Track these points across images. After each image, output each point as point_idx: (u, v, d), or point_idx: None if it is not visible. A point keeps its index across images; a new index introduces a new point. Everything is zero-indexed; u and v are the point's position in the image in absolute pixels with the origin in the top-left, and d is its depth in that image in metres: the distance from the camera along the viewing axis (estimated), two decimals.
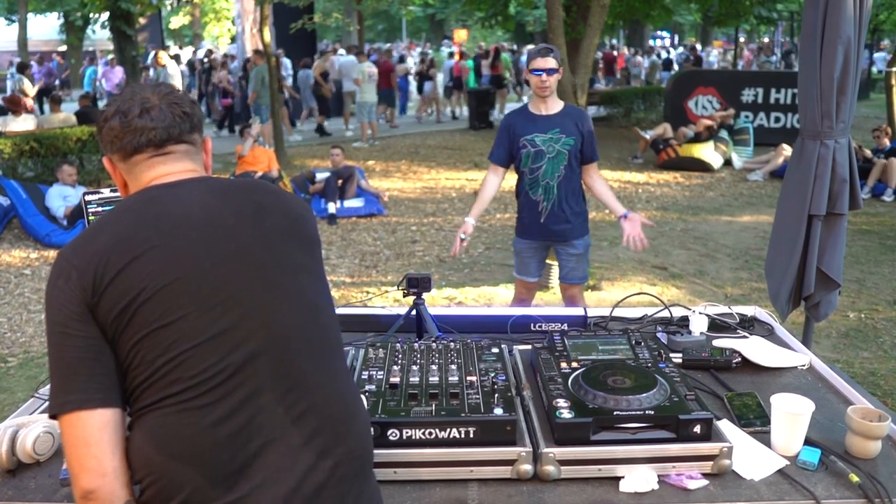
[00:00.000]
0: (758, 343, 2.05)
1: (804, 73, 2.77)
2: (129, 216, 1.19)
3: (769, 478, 1.46)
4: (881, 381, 3.81)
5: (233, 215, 1.22)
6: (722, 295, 5.09)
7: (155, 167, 1.25)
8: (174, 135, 1.25)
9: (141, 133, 1.22)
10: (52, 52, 21.35)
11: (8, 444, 1.48)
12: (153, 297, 1.10)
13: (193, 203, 1.21)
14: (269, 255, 1.21)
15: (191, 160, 1.29)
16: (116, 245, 1.13)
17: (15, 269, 6.07)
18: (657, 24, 21.26)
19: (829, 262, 2.83)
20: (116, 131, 1.22)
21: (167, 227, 1.16)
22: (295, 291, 1.22)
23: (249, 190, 1.30)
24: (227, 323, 1.13)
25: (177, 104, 1.25)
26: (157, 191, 1.23)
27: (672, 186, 9.11)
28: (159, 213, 1.18)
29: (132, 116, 1.21)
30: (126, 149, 1.23)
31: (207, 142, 1.37)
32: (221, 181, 1.30)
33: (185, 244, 1.16)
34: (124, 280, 1.10)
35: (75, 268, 1.11)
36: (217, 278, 1.15)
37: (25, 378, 4.00)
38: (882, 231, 6.88)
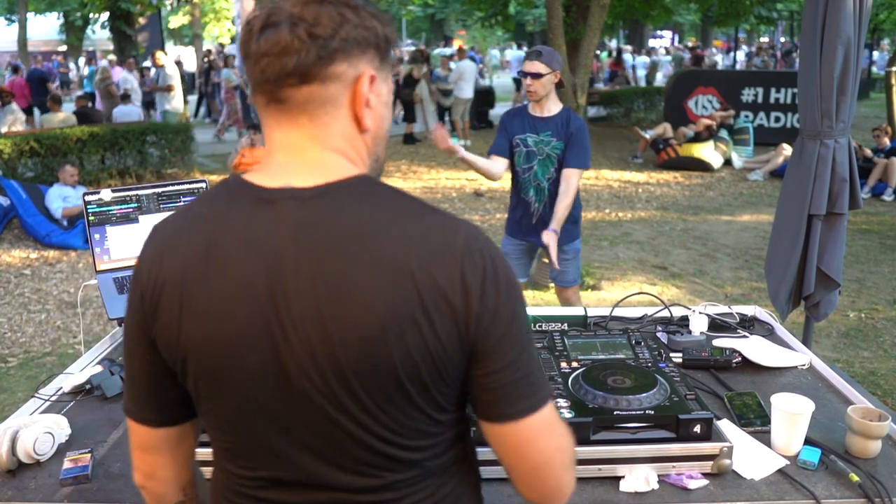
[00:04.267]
0: (758, 343, 2.05)
1: (804, 72, 2.77)
2: (198, 238, 0.89)
3: (769, 477, 1.46)
4: (881, 380, 3.81)
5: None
6: (722, 295, 5.09)
7: (272, 131, 0.91)
8: (288, 68, 0.84)
9: (256, 60, 0.85)
10: (52, 52, 21.36)
11: (8, 444, 1.48)
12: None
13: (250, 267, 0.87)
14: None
15: (312, 118, 0.88)
16: (182, 272, 0.89)
17: (15, 269, 6.06)
18: (657, 24, 21.26)
19: (829, 261, 2.83)
20: (242, 53, 0.88)
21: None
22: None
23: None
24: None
25: (302, 20, 0.84)
26: (243, 205, 0.89)
27: (672, 186, 9.11)
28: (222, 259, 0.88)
29: (253, 33, 0.86)
30: (250, 81, 0.89)
31: (362, 77, 0.88)
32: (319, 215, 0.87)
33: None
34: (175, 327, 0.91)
35: (139, 283, 0.93)
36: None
37: (25, 378, 4.00)
38: (882, 231, 6.88)
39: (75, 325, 4.77)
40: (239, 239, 0.87)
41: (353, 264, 0.84)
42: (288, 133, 0.90)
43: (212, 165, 9.88)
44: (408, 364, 0.86)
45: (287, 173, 0.89)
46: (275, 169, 0.90)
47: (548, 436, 0.93)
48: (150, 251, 0.93)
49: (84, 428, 1.66)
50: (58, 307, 5.15)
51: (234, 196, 0.90)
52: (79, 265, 6.12)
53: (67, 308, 5.11)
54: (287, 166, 0.90)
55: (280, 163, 0.91)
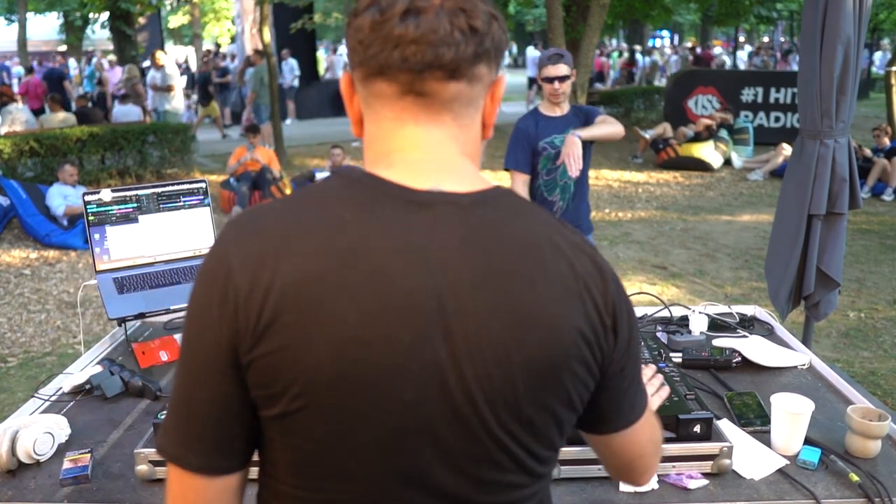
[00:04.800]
0: (758, 343, 2.05)
1: (804, 72, 2.77)
2: (333, 244, 0.75)
3: (769, 477, 1.46)
4: (881, 380, 3.81)
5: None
6: (722, 294, 5.09)
7: (403, 124, 0.81)
8: (444, 59, 0.77)
9: (396, 45, 0.76)
10: (52, 52, 21.35)
11: (8, 444, 1.48)
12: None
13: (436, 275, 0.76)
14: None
15: (456, 118, 0.82)
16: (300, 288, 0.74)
17: (15, 269, 6.06)
18: (657, 23, 21.25)
19: (829, 261, 2.83)
20: (363, 34, 0.78)
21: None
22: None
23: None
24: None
25: (462, 11, 0.77)
26: (394, 208, 0.77)
27: (672, 186, 9.11)
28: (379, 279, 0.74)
29: (391, 14, 0.76)
30: (369, 64, 0.79)
31: (499, 83, 0.85)
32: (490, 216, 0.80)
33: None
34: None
35: (230, 292, 0.75)
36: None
37: (25, 378, 4.00)
38: (882, 231, 6.87)
39: (75, 325, 4.77)
40: (394, 248, 0.75)
41: (531, 282, 0.77)
42: (428, 130, 0.81)
43: (212, 165, 9.88)
44: (574, 388, 0.82)
45: (429, 173, 0.80)
46: (414, 167, 0.80)
47: (646, 432, 0.94)
48: (246, 252, 0.75)
49: (84, 428, 1.66)
50: (58, 307, 5.15)
51: (374, 194, 0.78)
52: (79, 265, 6.12)
53: (67, 308, 5.11)
54: (428, 165, 0.81)
55: (418, 161, 0.81)
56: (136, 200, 2.23)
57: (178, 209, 2.28)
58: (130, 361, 2.02)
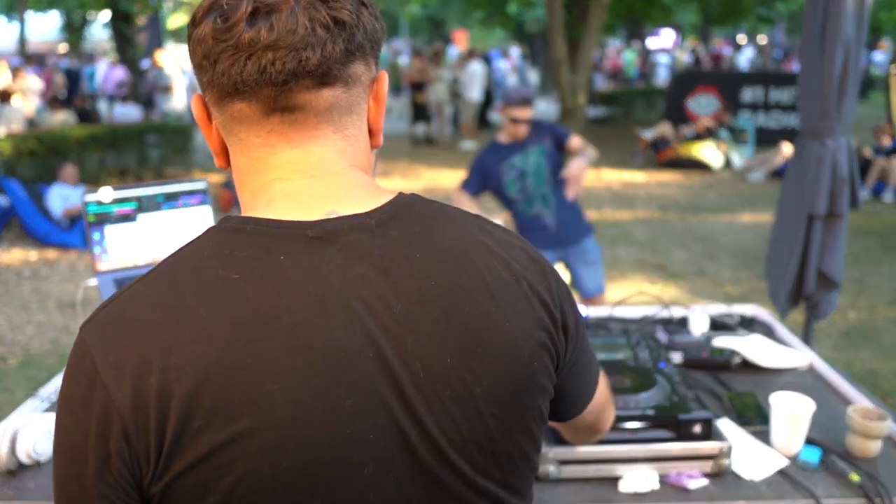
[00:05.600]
0: (758, 342, 2.05)
1: (804, 72, 2.77)
2: (229, 316, 0.61)
3: (769, 477, 1.46)
4: (881, 380, 3.81)
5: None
6: (722, 294, 5.09)
7: (274, 149, 0.68)
8: (310, 65, 0.64)
9: (249, 55, 0.63)
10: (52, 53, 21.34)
11: (8, 444, 1.48)
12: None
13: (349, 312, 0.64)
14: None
15: (337, 129, 0.70)
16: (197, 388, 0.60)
17: (15, 269, 6.06)
18: (657, 23, 21.26)
19: (829, 261, 2.83)
20: (207, 45, 0.64)
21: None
22: None
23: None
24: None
25: (323, 1, 0.65)
26: (288, 252, 0.64)
27: (672, 186, 9.10)
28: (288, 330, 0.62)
29: (237, 18, 0.63)
30: (221, 81, 0.65)
31: (381, 81, 0.73)
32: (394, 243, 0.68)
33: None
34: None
35: (115, 415, 0.60)
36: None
37: (25, 378, 4.00)
38: (882, 231, 6.87)
39: (75, 325, 4.77)
40: (303, 299, 0.62)
41: (470, 299, 0.67)
42: (306, 150, 0.69)
43: (212, 165, 9.87)
44: (543, 401, 0.74)
45: (319, 200, 0.68)
46: (300, 197, 0.68)
47: (602, 392, 0.92)
48: (119, 360, 0.60)
49: None
50: (58, 307, 5.15)
51: (261, 240, 0.65)
52: (79, 265, 6.12)
53: (67, 308, 5.11)
54: (315, 191, 0.68)
55: (302, 188, 0.68)
56: (135, 200, 2.23)
57: (178, 209, 2.27)
58: None
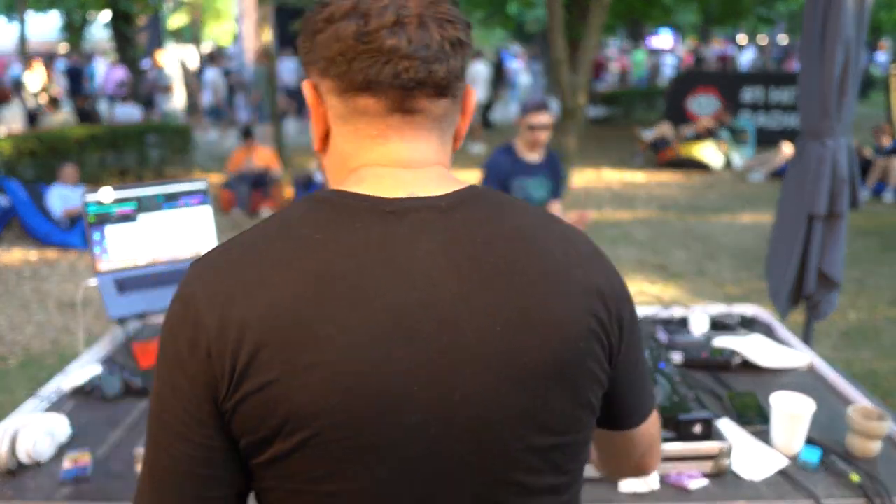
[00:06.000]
0: (758, 342, 2.05)
1: (804, 72, 2.77)
2: (306, 267, 0.69)
3: (769, 477, 1.46)
4: (881, 380, 3.81)
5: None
6: (722, 294, 5.08)
7: (387, 141, 0.76)
8: (437, 77, 0.73)
9: (387, 60, 0.71)
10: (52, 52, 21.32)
11: (8, 444, 1.48)
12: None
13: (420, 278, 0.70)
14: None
15: (441, 135, 0.78)
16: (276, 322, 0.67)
17: (15, 269, 6.06)
18: (657, 23, 21.24)
19: (829, 261, 2.83)
20: (347, 44, 0.71)
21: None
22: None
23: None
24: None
25: (449, 22, 0.72)
26: (367, 222, 0.72)
27: (672, 186, 9.10)
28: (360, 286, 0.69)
29: (379, 26, 0.70)
30: (353, 77, 0.72)
31: (469, 95, 0.80)
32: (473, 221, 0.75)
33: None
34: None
35: (199, 338, 0.69)
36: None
37: (25, 378, 4.00)
38: (882, 231, 6.87)
39: (75, 325, 4.77)
40: (372, 263, 0.70)
41: (527, 280, 0.72)
42: (413, 146, 0.76)
43: (212, 165, 9.88)
44: (590, 386, 0.76)
45: (404, 184, 0.75)
46: (387, 177, 0.76)
47: (655, 418, 0.93)
48: (213, 291, 0.70)
49: (84, 428, 1.66)
50: (58, 307, 5.15)
51: (344, 210, 0.73)
52: (79, 265, 6.12)
53: (67, 308, 5.11)
54: (401, 176, 0.76)
55: (392, 173, 0.76)
56: (136, 200, 2.23)
57: (178, 209, 2.28)
58: (130, 361, 2.02)
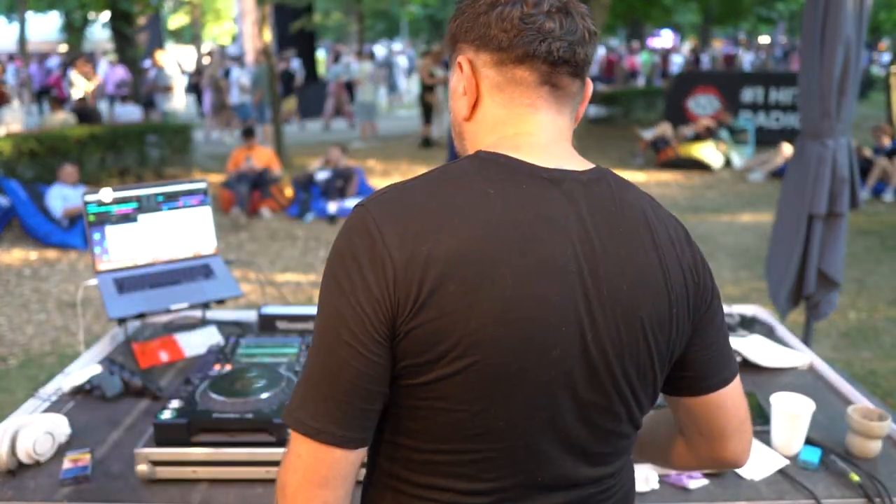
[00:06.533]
0: (758, 342, 2.05)
1: (804, 72, 2.77)
2: (483, 216, 0.81)
3: (769, 477, 1.46)
4: (881, 380, 3.81)
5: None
6: (722, 294, 5.07)
7: (536, 110, 0.89)
8: (578, 58, 0.87)
9: (544, 38, 0.85)
10: (52, 52, 21.31)
11: (8, 444, 1.48)
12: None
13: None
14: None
15: (571, 112, 0.93)
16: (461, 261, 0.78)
17: (15, 269, 6.06)
18: (657, 23, 21.25)
19: (829, 261, 2.83)
20: (512, 23, 0.85)
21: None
22: None
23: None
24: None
25: (587, 16, 0.88)
26: (530, 184, 0.85)
27: (672, 186, 9.10)
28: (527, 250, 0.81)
29: (539, 11, 0.85)
30: (513, 51, 0.86)
31: (589, 85, 0.95)
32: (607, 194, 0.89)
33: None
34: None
35: (385, 266, 0.79)
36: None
37: (25, 378, 4.00)
38: (882, 231, 6.87)
39: (75, 325, 4.77)
40: (535, 218, 0.82)
41: (644, 247, 0.87)
42: (555, 118, 0.91)
43: (212, 165, 9.87)
44: (673, 347, 0.91)
45: (552, 156, 0.89)
46: (538, 148, 0.89)
47: (742, 392, 1.03)
48: (402, 227, 0.80)
49: (84, 428, 1.66)
50: (58, 307, 5.15)
51: (510, 171, 0.85)
52: (79, 265, 6.12)
53: (67, 308, 5.11)
54: (551, 149, 0.90)
55: (542, 144, 0.90)
56: (136, 200, 2.23)
57: (178, 209, 2.27)
58: (130, 361, 2.02)
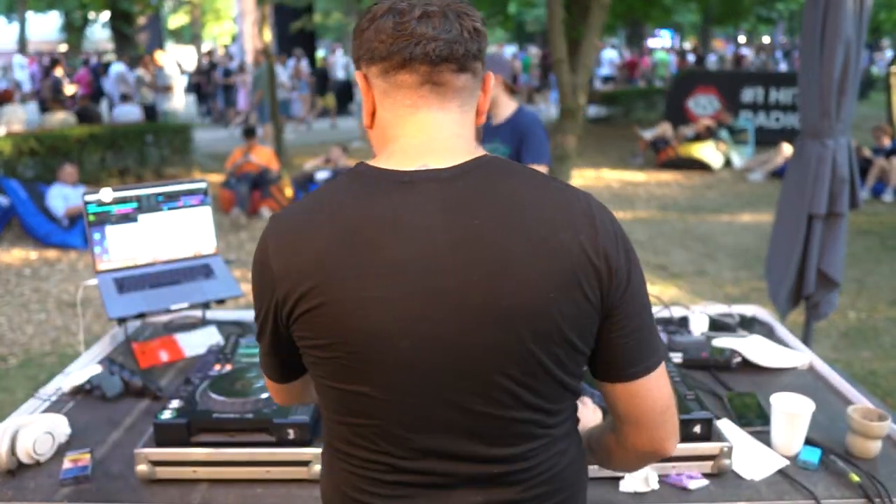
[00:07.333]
0: (758, 343, 2.05)
1: (804, 72, 2.77)
2: (338, 226, 0.92)
3: (769, 477, 1.46)
4: (881, 380, 3.81)
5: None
6: (722, 294, 5.08)
7: (417, 110, 0.96)
8: (457, 54, 0.93)
9: (417, 42, 0.91)
10: (52, 52, 21.33)
11: (8, 444, 1.48)
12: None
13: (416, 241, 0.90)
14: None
15: (461, 105, 0.98)
16: (318, 267, 0.91)
17: (15, 269, 6.06)
18: (657, 23, 21.23)
19: (829, 261, 2.83)
20: (385, 34, 0.92)
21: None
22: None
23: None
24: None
25: (466, 15, 0.94)
26: (385, 190, 0.92)
27: (672, 186, 9.10)
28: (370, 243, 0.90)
29: (410, 18, 0.91)
30: (393, 59, 0.93)
31: (489, 78, 1.01)
32: (467, 187, 0.93)
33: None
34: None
35: (267, 275, 0.95)
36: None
37: (25, 378, 4.00)
38: (882, 231, 6.87)
39: (75, 325, 4.77)
40: (384, 222, 0.90)
41: (507, 238, 0.89)
42: (436, 114, 0.96)
43: (212, 165, 9.87)
44: (562, 332, 0.91)
45: (422, 154, 0.95)
46: (409, 151, 0.95)
47: (668, 380, 1.02)
48: (276, 240, 0.95)
49: (84, 428, 1.66)
50: (58, 307, 5.15)
51: (370, 180, 0.94)
52: (79, 265, 6.12)
53: (67, 308, 5.11)
54: (421, 147, 0.95)
55: (415, 145, 0.96)
56: (136, 200, 2.23)
57: (178, 209, 2.28)
58: (130, 361, 2.02)
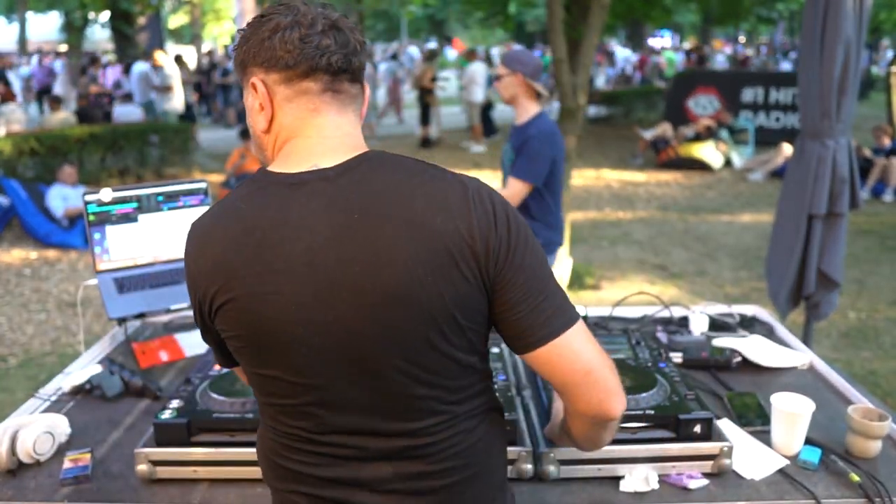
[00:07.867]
0: (758, 343, 2.05)
1: (804, 72, 2.77)
2: (235, 229, 1.01)
3: (769, 477, 1.46)
4: (881, 380, 3.81)
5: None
6: (722, 295, 5.08)
7: (318, 113, 1.04)
8: (353, 66, 1.03)
9: (322, 53, 1.00)
10: (52, 52, 21.30)
11: (8, 444, 1.48)
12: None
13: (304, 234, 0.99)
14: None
15: (354, 111, 1.08)
16: (217, 272, 1.02)
17: (15, 269, 6.06)
18: (657, 24, 21.23)
19: (829, 261, 2.83)
20: (292, 45, 0.99)
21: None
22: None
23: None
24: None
25: (352, 29, 1.04)
26: (277, 193, 1.01)
27: (672, 186, 9.11)
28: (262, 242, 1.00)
29: (314, 31, 0.99)
30: (298, 68, 1.00)
31: (366, 87, 1.12)
32: (351, 187, 1.01)
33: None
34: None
35: (188, 276, 1.07)
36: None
37: (25, 378, 4.00)
38: (882, 231, 6.87)
39: (75, 325, 4.77)
40: (274, 222, 0.99)
41: (382, 228, 0.96)
42: (335, 118, 1.05)
43: (212, 165, 9.87)
44: (444, 311, 0.97)
45: (313, 155, 1.03)
46: (303, 153, 1.04)
47: (588, 343, 1.03)
48: (191, 246, 1.06)
49: (84, 428, 1.66)
50: (58, 307, 5.15)
51: (263, 185, 1.03)
52: (79, 265, 6.12)
53: (67, 308, 5.11)
54: (314, 148, 1.03)
55: (308, 146, 1.04)
56: (136, 200, 2.23)
57: (179, 209, 2.28)
58: (130, 361, 2.02)
